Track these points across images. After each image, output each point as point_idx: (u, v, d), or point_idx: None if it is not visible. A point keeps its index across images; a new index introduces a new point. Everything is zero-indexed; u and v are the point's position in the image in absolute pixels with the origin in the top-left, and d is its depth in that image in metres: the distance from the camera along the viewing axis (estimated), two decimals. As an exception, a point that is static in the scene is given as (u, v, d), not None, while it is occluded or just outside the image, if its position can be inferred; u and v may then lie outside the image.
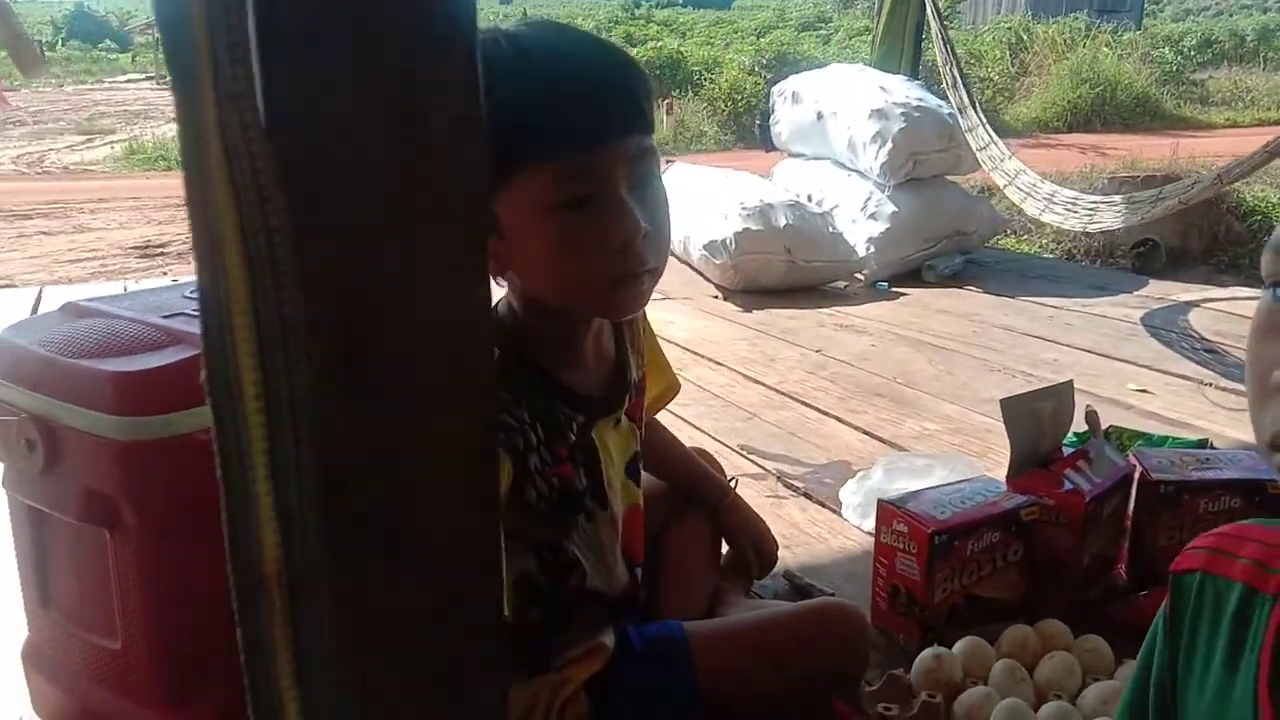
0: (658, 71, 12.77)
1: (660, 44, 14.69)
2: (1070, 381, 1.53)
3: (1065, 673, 1.20)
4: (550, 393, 0.92)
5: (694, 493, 1.37)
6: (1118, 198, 3.39)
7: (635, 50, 14.10)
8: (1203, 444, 1.73)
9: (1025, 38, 14.16)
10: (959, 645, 1.25)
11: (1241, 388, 2.06)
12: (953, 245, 3.65)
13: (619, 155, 0.85)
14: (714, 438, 2.12)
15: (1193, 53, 16.04)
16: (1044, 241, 8.41)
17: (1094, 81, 12.28)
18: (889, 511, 1.38)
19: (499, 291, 0.98)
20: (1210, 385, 2.42)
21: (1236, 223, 8.49)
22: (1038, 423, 1.48)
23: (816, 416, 2.27)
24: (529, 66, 0.85)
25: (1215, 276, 8.67)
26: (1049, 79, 12.80)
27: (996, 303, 3.33)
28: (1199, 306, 3.18)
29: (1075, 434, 1.58)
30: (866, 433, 2.16)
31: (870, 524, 1.70)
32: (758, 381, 2.53)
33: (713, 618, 1.26)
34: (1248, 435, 2.00)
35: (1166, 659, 0.70)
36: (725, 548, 1.43)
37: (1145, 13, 21.61)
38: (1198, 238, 8.11)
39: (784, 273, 3.41)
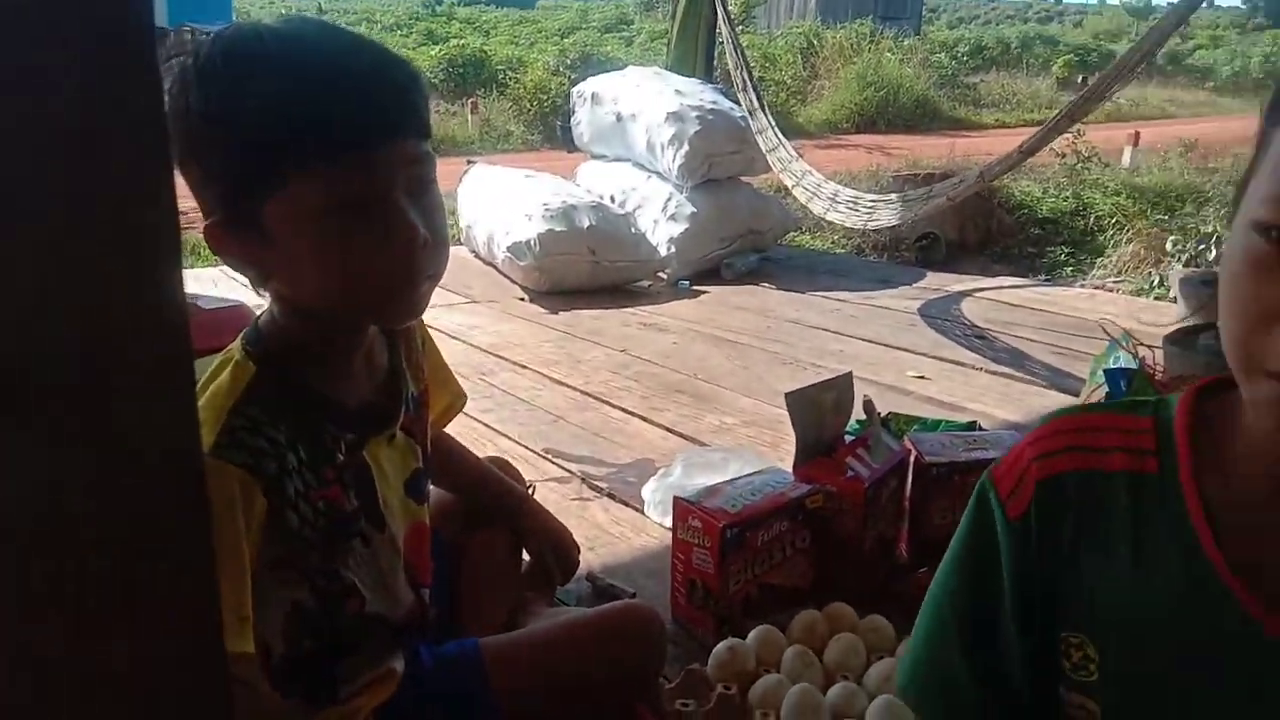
0: (461, 70, 12.59)
1: (463, 42, 14.48)
2: (850, 373, 1.60)
3: (851, 653, 1.26)
4: (315, 410, 0.88)
5: (489, 503, 1.34)
6: (894, 196, 3.61)
7: (437, 48, 13.87)
8: (971, 426, 1.86)
9: (815, 42, 14.85)
10: (752, 635, 1.29)
11: (1009, 371, 2.22)
12: (748, 244, 3.78)
13: (397, 159, 0.83)
14: (519, 443, 2.11)
15: (966, 58, 17.32)
16: (835, 237, 8.85)
17: (879, 85, 13.03)
18: (684, 508, 1.41)
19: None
20: (980, 370, 2.61)
21: (1006, 216, 9.23)
22: (820, 413, 1.55)
23: (621, 416, 2.29)
24: (299, 65, 0.81)
25: (990, 266, 9.38)
26: (838, 82, 13.48)
27: (788, 298, 3.47)
28: (971, 296, 3.43)
29: (857, 422, 1.66)
30: (668, 430, 2.20)
31: (669, 520, 1.74)
32: (563, 384, 2.53)
33: (516, 629, 1.25)
34: (1014, 415, 2.16)
35: (1032, 560, 0.72)
36: (526, 556, 1.41)
37: (924, 20, 23.12)
38: (973, 230, 8.78)
39: (589, 273, 3.44)
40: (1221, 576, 0.65)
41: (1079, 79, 17.24)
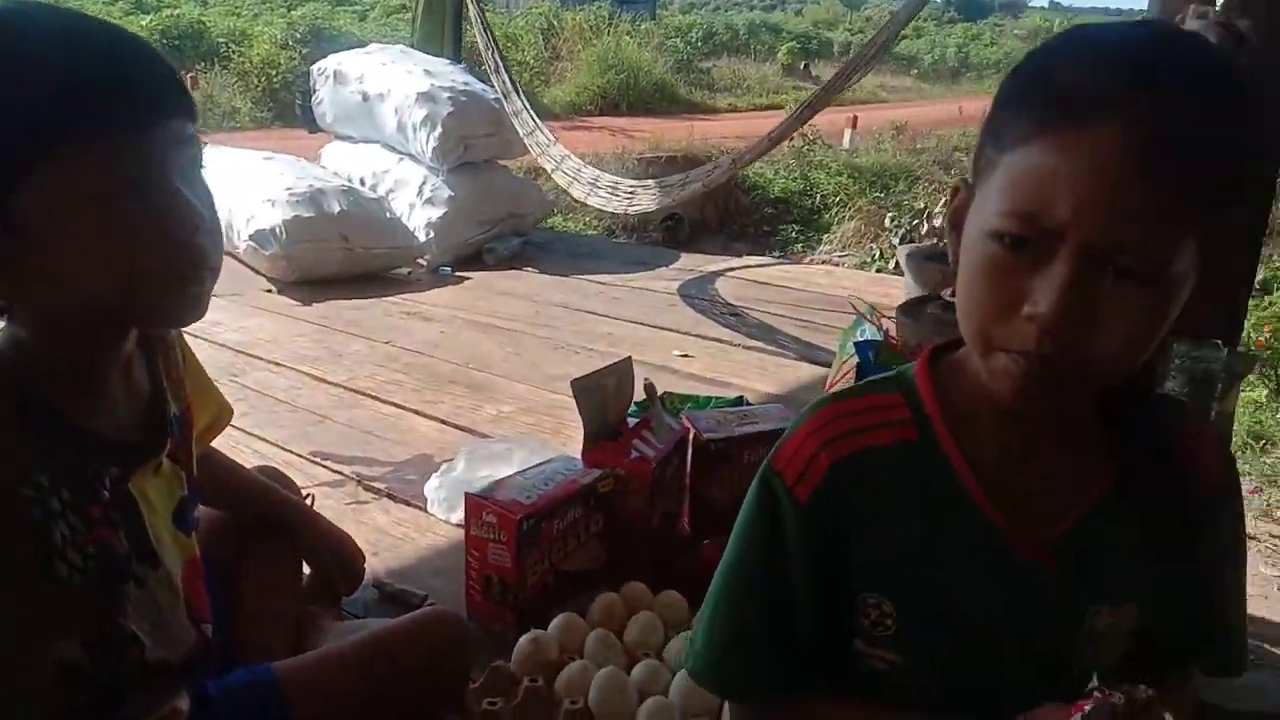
0: (176, 42, 11.59)
1: (178, 11, 13.31)
2: (629, 358, 1.63)
3: (650, 631, 1.29)
4: (74, 445, 0.78)
5: (264, 517, 1.26)
6: (651, 182, 3.71)
7: (148, 18, 12.66)
8: (739, 401, 1.95)
9: (556, 23, 14.92)
10: (553, 624, 1.30)
11: (763, 346, 2.34)
12: (508, 228, 3.76)
13: (169, 139, 0.76)
14: (282, 447, 1.99)
15: (699, 43, 17.99)
16: (587, 219, 9.00)
17: (619, 68, 13.31)
18: (477, 504, 1.38)
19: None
20: (739, 346, 2.75)
21: (743, 196, 9.73)
22: (604, 399, 1.57)
23: (393, 411, 2.22)
24: (49, 45, 0.72)
25: (730, 244, 9.87)
26: (580, 64, 13.64)
27: (553, 282, 3.49)
28: (724, 276, 3.60)
29: (636, 404, 1.70)
30: (445, 423, 2.15)
31: (458, 516, 1.70)
32: (325, 380, 2.41)
33: (306, 648, 1.18)
34: (772, 388, 2.28)
35: (813, 546, 0.77)
36: (307, 569, 1.34)
37: (659, 4, 23.75)
38: (714, 211, 9.20)
39: (341, 261, 3.28)
40: (988, 514, 0.74)
41: (801, 65, 18.46)
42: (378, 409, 2.23)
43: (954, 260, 0.72)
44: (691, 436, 1.63)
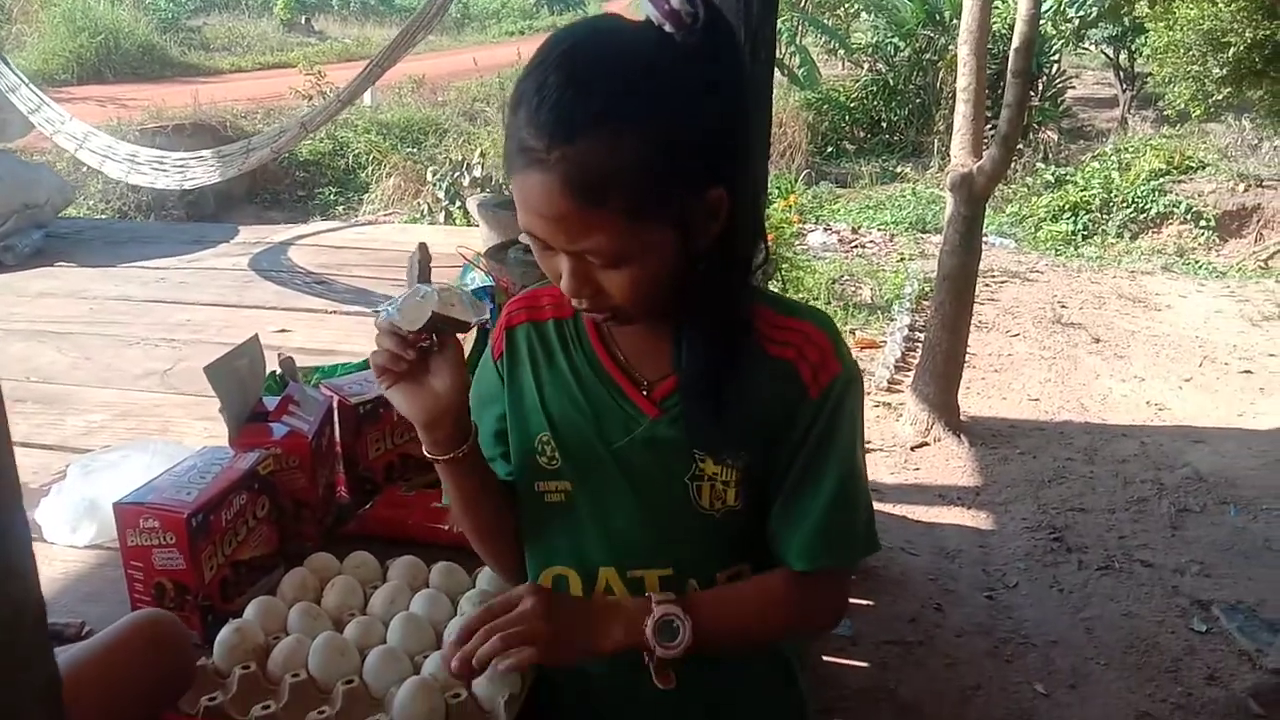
0: None
1: None
2: (256, 335, 1.59)
3: (349, 593, 1.33)
4: None
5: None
6: (207, 153, 3.44)
7: None
8: (366, 365, 1.98)
9: (-4, -21, 12.77)
10: (249, 610, 1.28)
11: (361, 309, 2.38)
12: (26, 220, 3.28)
13: None
14: None
15: (185, 1, 16.43)
16: (91, 203, 8.00)
17: (93, 30, 11.79)
18: (132, 511, 1.30)
19: None
20: (335, 313, 2.72)
21: (271, 164, 9.19)
22: (241, 381, 1.53)
23: (-50, 445, 1.91)
24: None
25: (264, 213, 9.36)
26: (41, 27, 11.86)
27: (99, 274, 3.14)
28: (294, 245, 3.48)
29: (270, 377, 1.67)
30: (25, 445, 1.91)
31: (86, 537, 1.57)
32: None
33: None
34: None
35: (500, 387, 1.07)
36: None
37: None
38: (238, 181, 8.62)
39: None
40: (614, 377, 1.01)
41: (303, 20, 17.65)
42: (-70, 446, 1.91)
43: None
44: (337, 403, 1.64)
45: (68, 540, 1.57)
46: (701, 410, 0.97)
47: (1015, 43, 3.84)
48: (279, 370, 1.66)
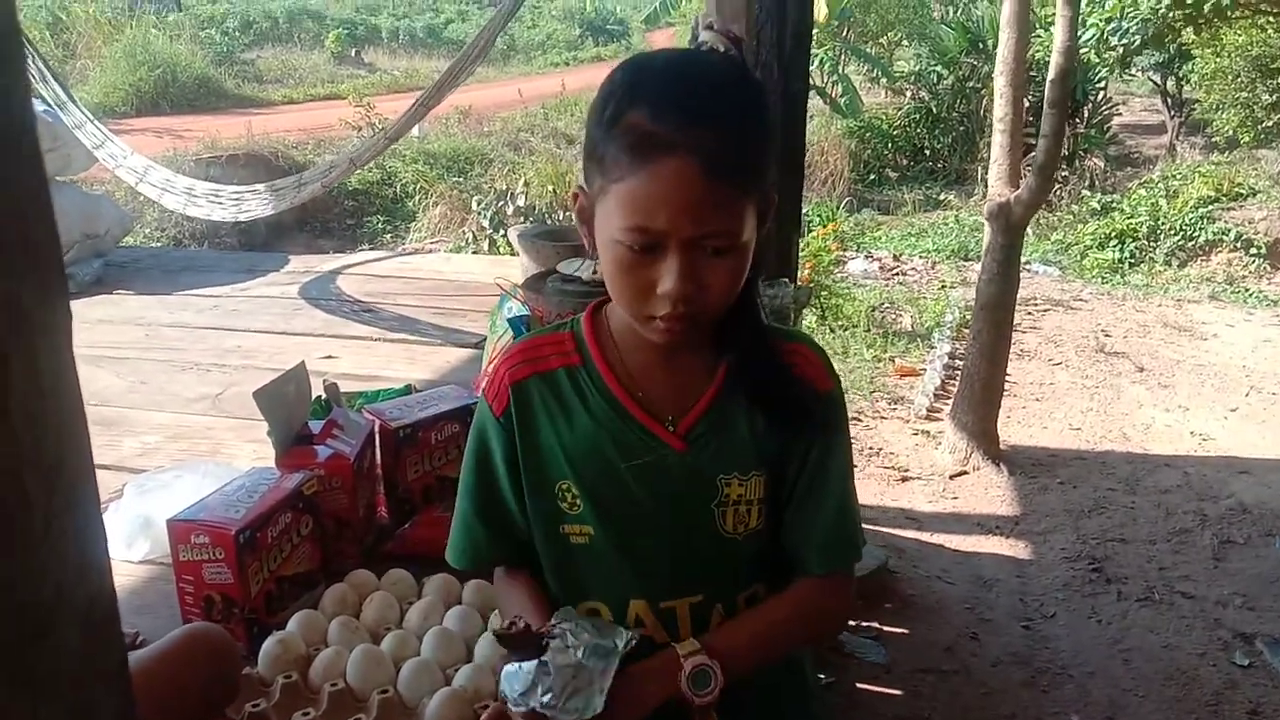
0: None
1: None
2: (303, 362, 1.68)
3: (386, 608, 1.39)
4: None
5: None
6: (261, 186, 3.57)
7: None
8: (408, 390, 2.05)
9: (64, 17, 13.26)
10: (292, 622, 1.35)
11: (405, 337, 2.46)
12: (87, 250, 3.43)
13: None
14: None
15: (237, 33, 16.90)
16: (147, 231, 8.25)
17: (151, 64, 12.18)
18: (183, 528, 1.37)
19: None
20: (380, 340, 2.81)
21: (322, 195, 9.40)
22: (288, 405, 1.61)
23: (15, 464, 2.01)
24: None
25: (314, 241, 9.58)
26: (103, 62, 12.28)
27: (155, 302, 3.27)
28: (343, 274, 3.59)
29: (316, 401, 1.74)
30: (85, 465, 2.00)
31: (141, 552, 1.65)
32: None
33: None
34: (426, 374, 2.41)
35: (509, 443, 1.06)
36: None
37: (180, -7, 21.79)
38: (291, 210, 8.81)
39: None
40: (637, 416, 1.03)
41: (353, 52, 18.07)
42: None
43: (591, 248, 1.00)
44: (378, 427, 1.71)
45: (123, 555, 1.65)
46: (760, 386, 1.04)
47: (1051, 74, 3.86)
48: (324, 395, 1.73)
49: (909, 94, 11.61)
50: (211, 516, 1.39)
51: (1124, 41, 9.13)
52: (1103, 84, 10.83)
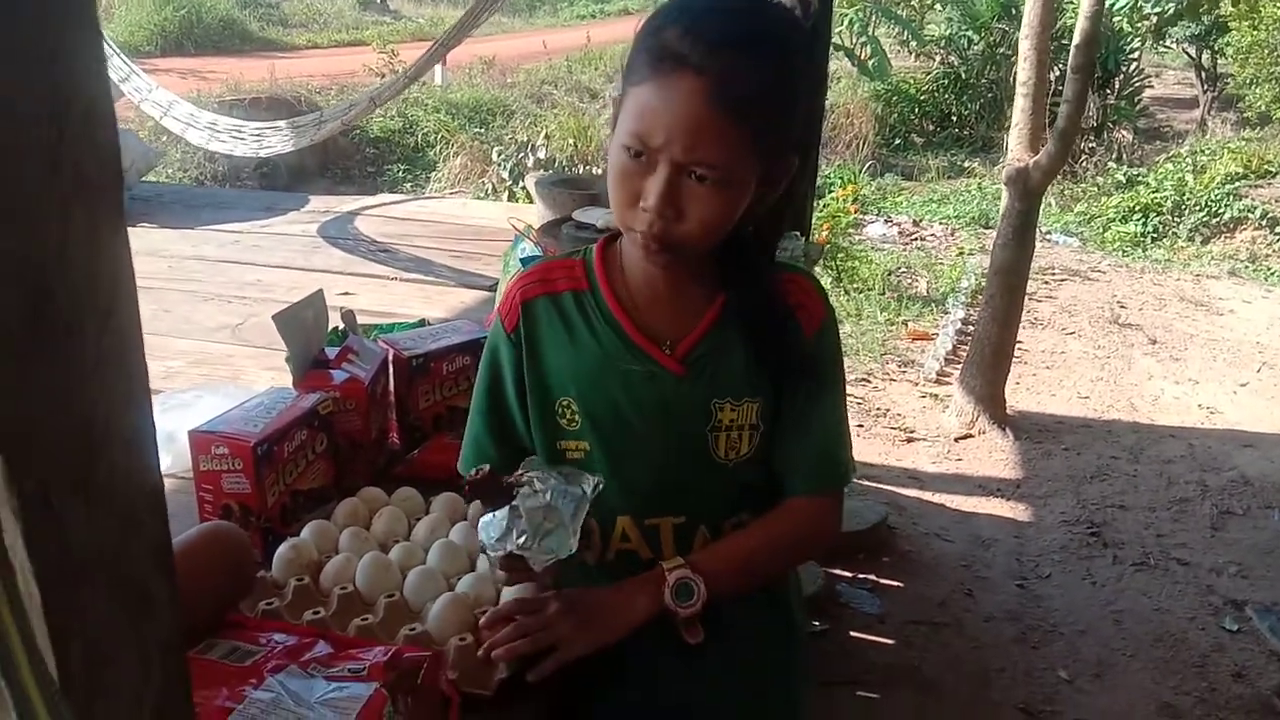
0: None
1: None
2: (320, 290, 1.73)
3: (395, 521, 1.46)
4: None
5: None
6: (282, 123, 3.62)
7: None
8: (423, 323, 2.11)
9: (93, -47, 13.23)
10: (305, 530, 1.41)
11: (420, 277, 2.52)
12: (114, 182, 3.49)
13: None
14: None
15: (263, -24, 16.82)
16: (170, 171, 8.30)
17: (178, 3, 12.17)
18: (204, 439, 1.44)
19: None
20: (396, 279, 2.87)
21: (342, 138, 9.48)
22: (306, 329, 1.67)
23: (43, 381, 2.09)
24: None
25: (335, 188, 9.63)
26: (129, 1, 12.29)
27: (178, 235, 3.33)
28: (361, 215, 3.64)
29: (332, 332, 1.81)
30: (110, 384, 2.08)
31: (163, 465, 1.71)
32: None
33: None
34: (440, 312, 2.47)
35: (517, 359, 1.13)
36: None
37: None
38: (311, 154, 8.88)
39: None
40: (636, 340, 1.09)
41: None
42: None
43: None
44: (392, 356, 1.77)
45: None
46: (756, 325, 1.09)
47: (1076, 39, 3.84)
48: (341, 325, 1.79)
49: (938, 59, 11.47)
50: (231, 429, 1.46)
51: (1158, 10, 8.99)
52: (1136, 55, 10.67)
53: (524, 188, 6.71)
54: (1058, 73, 7.19)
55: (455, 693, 1.08)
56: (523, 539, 0.98)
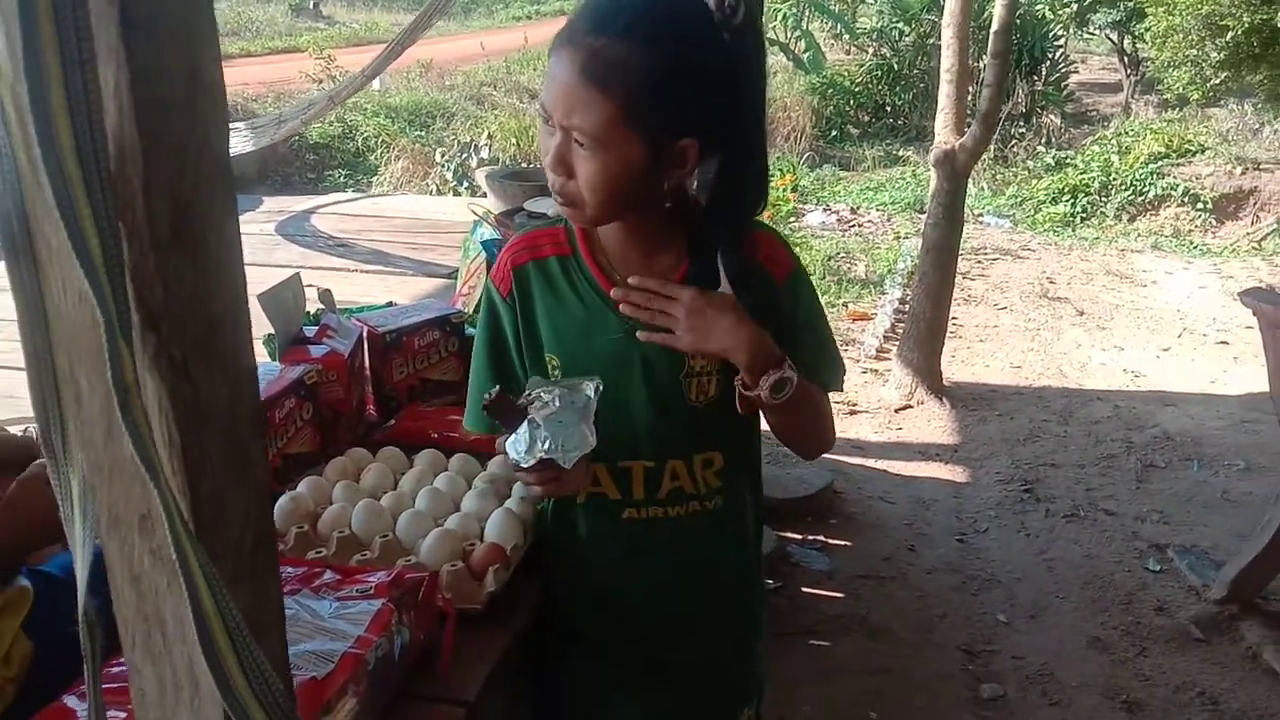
0: None
1: None
2: (298, 273, 1.85)
3: (382, 475, 1.58)
4: None
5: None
6: (241, 124, 3.69)
7: None
8: (390, 305, 2.23)
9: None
10: (301, 484, 1.53)
11: (380, 269, 2.64)
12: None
13: None
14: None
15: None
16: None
17: (111, 14, 11.99)
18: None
19: None
20: (357, 272, 2.98)
21: (281, 145, 9.42)
22: (286, 309, 1.79)
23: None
24: None
25: (275, 195, 9.56)
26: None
27: (138, 238, 3.39)
28: (316, 214, 3.74)
29: (306, 314, 1.93)
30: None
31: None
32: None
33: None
34: (403, 299, 2.58)
35: (514, 320, 1.25)
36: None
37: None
38: (250, 161, 8.85)
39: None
40: (610, 300, 1.21)
41: (311, 5, 17.84)
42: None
43: None
44: (366, 332, 1.90)
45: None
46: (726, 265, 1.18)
47: (995, 25, 4.07)
48: (319, 304, 1.91)
49: (871, 51, 11.77)
50: (225, 399, 1.57)
51: (1077, -1, 9.34)
52: (1061, 42, 11.07)
53: (469, 189, 6.81)
54: (985, 62, 7.48)
55: (450, 608, 1.22)
56: (547, 444, 1.12)
